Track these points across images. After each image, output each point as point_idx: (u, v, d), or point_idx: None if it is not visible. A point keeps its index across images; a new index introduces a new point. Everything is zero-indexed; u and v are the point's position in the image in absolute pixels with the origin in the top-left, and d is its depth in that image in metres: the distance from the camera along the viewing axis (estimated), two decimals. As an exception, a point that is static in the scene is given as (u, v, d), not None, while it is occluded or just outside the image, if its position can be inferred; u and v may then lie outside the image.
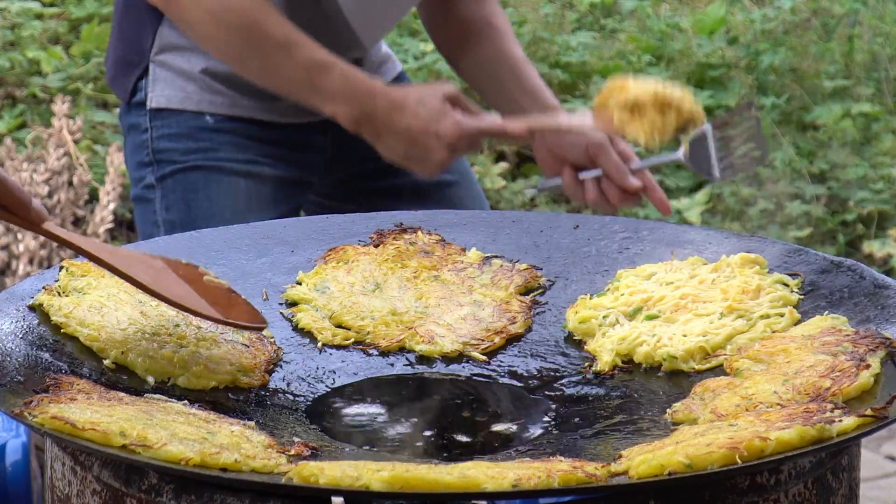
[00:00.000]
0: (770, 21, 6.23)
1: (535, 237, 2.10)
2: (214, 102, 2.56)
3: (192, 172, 2.55)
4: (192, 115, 2.57)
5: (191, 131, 2.56)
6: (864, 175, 5.43)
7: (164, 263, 1.84)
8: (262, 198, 2.54)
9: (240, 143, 2.56)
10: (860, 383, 1.64)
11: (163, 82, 2.59)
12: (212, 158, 2.55)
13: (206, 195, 2.53)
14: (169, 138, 2.57)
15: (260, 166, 2.55)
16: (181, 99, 2.57)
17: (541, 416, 1.73)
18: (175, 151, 2.56)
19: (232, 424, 1.61)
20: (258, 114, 2.56)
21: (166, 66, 2.58)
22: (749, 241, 2.03)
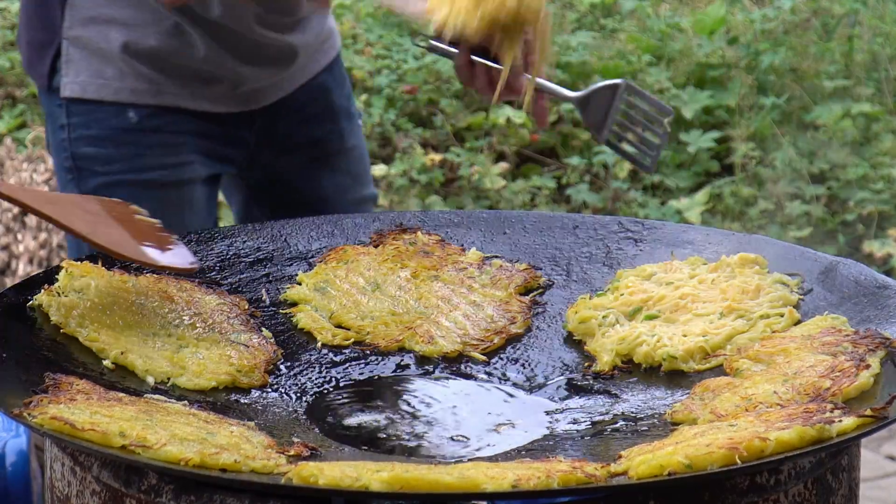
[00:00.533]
0: (770, 21, 6.23)
1: (535, 237, 2.10)
2: (137, 90, 2.34)
3: (117, 189, 2.31)
4: (112, 111, 2.34)
5: (112, 133, 2.35)
6: (864, 175, 5.43)
7: (99, 206, 1.83)
8: (196, 205, 2.41)
9: (167, 142, 2.37)
10: (860, 383, 1.64)
11: (77, 64, 2.35)
12: (136, 169, 2.35)
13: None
14: (89, 142, 2.36)
15: (191, 168, 2.39)
16: (98, 87, 2.35)
17: (540, 417, 1.73)
18: (97, 160, 2.36)
19: (232, 425, 1.61)
20: (186, 101, 2.38)
21: (80, 43, 2.34)
22: (749, 241, 2.03)
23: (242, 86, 2.41)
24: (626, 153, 2.24)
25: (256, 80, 2.43)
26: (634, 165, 2.26)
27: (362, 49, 6.16)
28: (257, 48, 2.38)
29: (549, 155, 5.82)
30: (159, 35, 2.33)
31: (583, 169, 5.65)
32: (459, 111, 5.89)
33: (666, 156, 5.68)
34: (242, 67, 2.39)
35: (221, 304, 1.91)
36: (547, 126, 2.35)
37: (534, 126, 5.86)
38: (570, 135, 5.85)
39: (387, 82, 5.97)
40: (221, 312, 1.89)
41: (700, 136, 5.70)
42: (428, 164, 5.63)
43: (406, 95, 5.96)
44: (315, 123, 2.54)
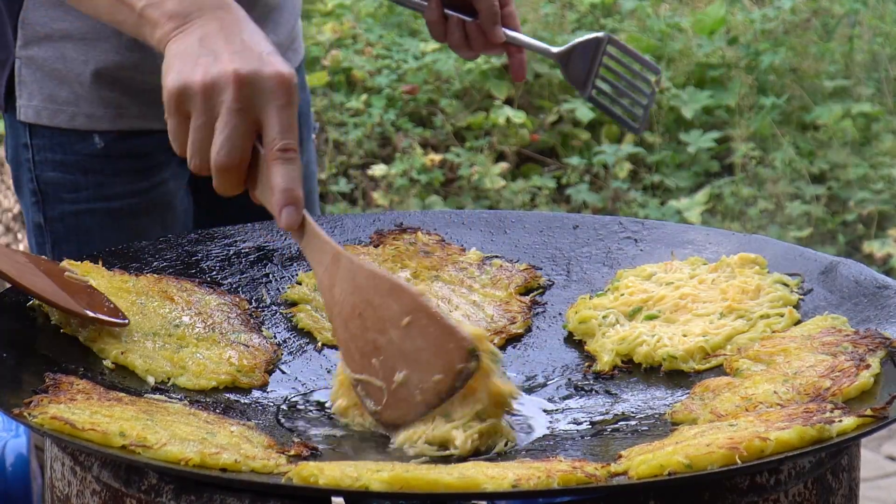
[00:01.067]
0: (770, 21, 6.23)
1: (535, 237, 2.10)
2: (94, 116, 2.18)
3: (86, 217, 2.21)
4: (76, 136, 2.18)
5: (78, 160, 2.19)
6: (864, 175, 5.44)
7: (26, 259, 1.80)
8: (171, 221, 2.27)
9: (137, 167, 2.21)
10: (860, 383, 1.64)
11: (30, 87, 2.18)
12: (105, 197, 2.20)
13: (104, 244, 2.15)
14: (54, 167, 2.20)
15: (163, 189, 2.25)
16: (52, 112, 2.19)
17: (540, 417, 1.73)
18: (63, 187, 2.20)
19: (232, 425, 1.61)
20: (151, 123, 2.19)
21: (34, 64, 2.17)
22: (749, 241, 2.03)
23: None
24: (612, 112, 2.18)
25: None
26: (622, 125, 2.19)
27: (362, 49, 6.16)
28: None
29: (549, 155, 5.83)
30: (120, 49, 2.15)
31: (583, 169, 5.65)
32: (459, 111, 5.89)
33: (666, 156, 5.68)
34: None
35: (221, 304, 1.91)
36: (524, 79, 2.25)
37: (534, 126, 5.86)
38: (570, 135, 5.85)
39: (387, 82, 5.97)
40: (221, 312, 1.89)
41: (700, 136, 5.70)
42: (428, 164, 5.63)
43: (406, 95, 5.96)
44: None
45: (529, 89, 6.06)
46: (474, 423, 1.63)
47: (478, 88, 5.97)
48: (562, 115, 5.88)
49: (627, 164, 5.63)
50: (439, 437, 1.62)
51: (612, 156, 5.62)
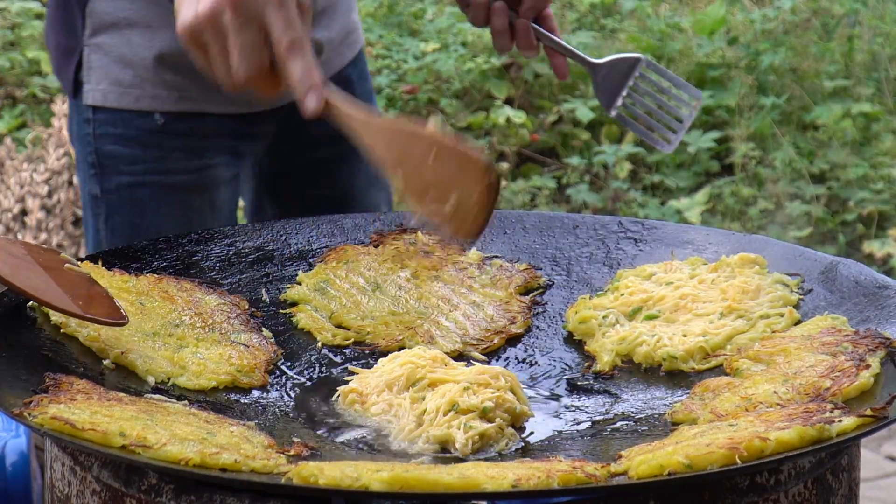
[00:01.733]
0: (770, 21, 6.23)
1: (535, 237, 2.10)
2: (158, 97, 2.32)
3: (140, 189, 2.34)
4: (139, 114, 2.32)
5: (138, 134, 2.33)
6: (864, 175, 5.43)
7: (24, 250, 1.78)
8: (218, 207, 2.39)
9: (192, 146, 2.35)
10: (860, 383, 1.64)
11: (97, 72, 2.32)
12: (160, 171, 2.33)
13: (156, 219, 2.33)
14: (114, 140, 2.33)
15: (214, 172, 2.37)
16: (119, 95, 2.32)
17: (540, 417, 1.73)
18: (122, 160, 2.33)
19: (232, 425, 1.61)
20: (209, 106, 2.34)
21: (102, 50, 2.31)
22: (749, 241, 2.03)
23: None
24: (638, 129, 2.17)
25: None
26: (651, 143, 2.19)
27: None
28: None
29: (549, 155, 5.82)
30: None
31: (583, 169, 5.65)
32: (459, 111, 5.89)
33: (666, 156, 5.68)
34: None
35: (221, 304, 1.91)
36: (566, 79, 2.31)
37: (534, 126, 5.86)
38: (570, 135, 5.85)
39: (387, 82, 5.97)
40: (221, 312, 1.89)
41: (700, 136, 5.70)
42: (428, 164, 5.62)
43: (406, 95, 5.96)
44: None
45: (529, 89, 6.06)
46: (476, 425, 1.63)
47: (478, 88, 5.97)
48: (562, 115, 5.88)
49: (627, 164, 5.63)
50: (440, 437, 1.63)
51: (612, 156, 5.62)
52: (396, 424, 1.67)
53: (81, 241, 4.44)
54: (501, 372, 1.71)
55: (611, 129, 5.83)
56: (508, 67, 6.05)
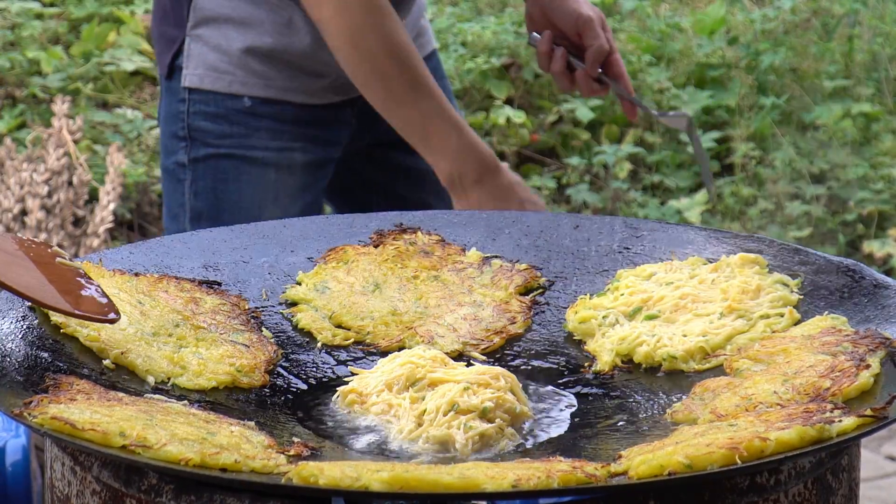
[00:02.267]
0: (770, 21, 6.23)
1: (535, 237, 2.10)
2: (248, 83, 2.59)
3: (224, 160, 2.60)
4: (230, 97, 2.59)
5: (227, 112, 2.59)
6: (864, 175, 5.43)
7: (15, 245, 1.77)
8: (290, 188, 2.61)
9: (274, 128, 2.60)
10: (860, 383, 1.64)
11: (196, 59, 2.60)
12: (245, 146, 2.59)
13: (237, 187, 2.59)
14: (205, 117, 2.60)
15: (291, 153, 2.60)
16: (214, 79, 2.60)
17: (540, 417, 1.73)
18: (210, 133, 2.60)
19: (232, 425, 1.61)
20: (293, 95, 2.60)
21: (202, 40, 2.59)
22: (749, 241, 2.03)
23: (344, 76, 2.53)
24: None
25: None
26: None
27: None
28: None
29: (549, 155, 5.82)
30: (273, 32, 2.55)
31: (583, 169, 5.65)
32: (460, 111, 5.89)
33: (666, 156, 5.69)
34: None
35: (221, 304, 1.91)
36: (635, 119, 2.58)
37: (534, 126, 5.86)
38: (570, 135, 5.85)
39: (387, 82, 5.95)
40: (221, 312, 1.89)
41: (700, 136, 5.70)
42: (428, 164, 5.62)
43: (406, 95, 5.95)
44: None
45: (529, 89, 6.06)
46: (476, 425, 1.63)
47: (478, 88, 5.97)
48: (562, 115, 5.88)
49: (627, 164, 5.63)
50: (439, 438, 1.63)
51: (612, 156, 5.62)
52: (396, 424, 1.67)
53: (81, 240, 4.44)
54: (501, 372, 1.71)
55: (611, 129, 5.83)
56: (508, 67, 6.05)
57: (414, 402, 1.68)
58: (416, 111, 2.44)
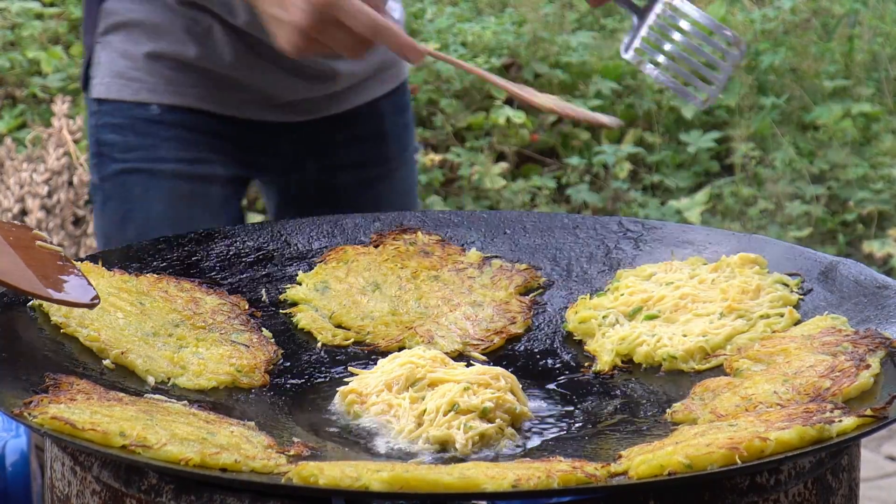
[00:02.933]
0: (770, 21, 6.23)
1: (535, 237, 2.10)
2: (157, 90, 2.40)
3: (131, 176, 2.40)
4: (138, 105, 2.40)
5: (134, 122, 2.41)
6: (864, 175, 5.43)
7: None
8: (210, 203, 2.43)
9: (186, 138, 2.41)
10: (860, 383, 1.64)
11: (103, 67, 2.43)
12: (152, 159, 2.40)
13: (144, 205, 2.39)
14: (112, 129, 2.42)
15: (207, 167, 2.42)
16: (120, 87, 2.41)
17: (540, 417, 1.73)
18: (116, 147, 2.41)
19: (232, 425, 1.61)
20: (208, 104, 2.41)
21: (110, 47, 2.41)
22: (749, 241, 2.03)
23: (277, 97, 2.41)
24: (663, 78, 1.95)
25: (292, 92, 2.42)
26: (680, 96, 1.93)
27: (362, 49, 6.15)
28: (291, 62, 2.32)
29: (549, 155, 5.82)
30: (189, 40, 2.38)
31: (583, 169, 5.65)
32: (459, 111, 5.89)
33: (666, 156, 5.68)
34: (274, 78, 2.40)
35: (221, 304, 1.91)
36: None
37: (534, 126, 5.86)
38: (570, 135, 5.85)
39: (387, 82, 5.96)
40: (221, 312, 1.89)
41: (700, 136, 5.70)
42: (428, 164, 5.63)
43: (406, 95, 5.95)
44: (361, 145, 2.54)
45: (529, 89, 6.05)
46: (476, 425, 1.63)
47: (478, 88, 5.97)
48: (562, 115, 5.87)
49: (627, 164, 5.63)
50: (439, 438, 1.63)
51: (612, 156, 5.62)
52: (396, 424, 1.67)
53: (81, 240, 4.44)
54: (501, 373, 1.71)
55: (611, 129, 5.83)
56: (508, 67, 6.05)
57: (414, 402, 1.68)
58: None
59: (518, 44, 6.06)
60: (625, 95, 5.97)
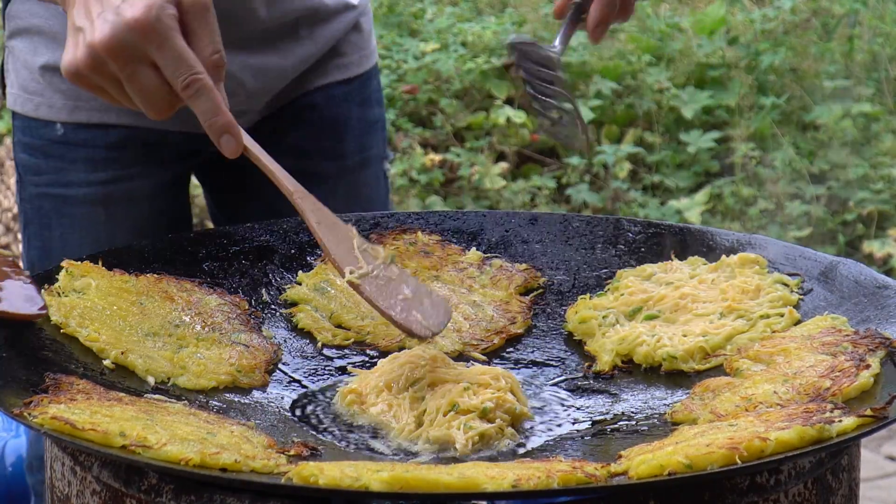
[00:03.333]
0: (770, 21, 6.23)
1: (535, 237, 2.10)
2: (54, 106, 2.19)
3: (45, 200, 2.21)
4: (42, 123, 2.20)
5: (43, 144, 2.20)
6: (864, 175, 5.44)
7: None
8: (134, 222, 2.22)
9: (93, 157, 2.19)
10: (860, 383, 1.64)
11: (11, 76, 2.23)
12: (62, 183, 2.19)
13: (60, 234, 2.21)
14: (24, 149, 2.22)
15: (123, 184, 2.20)
16: (24, 101, 2.21)
17: (540, 417, 1.73)
18: (30, 169, 2.22)
19: (232, 425, 1.61)
20: (106, 117, 2.19)
21: (14, 54, 2.22)
22: (749, 241, 2.03)
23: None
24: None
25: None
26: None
27: (362, 49, 6.16)
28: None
29: (549, 155, 5.82)
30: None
31: (583, 169, 5.65)
32: (459, 111, 5.89)
33: (666, 156, 5.68)
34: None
35: (221, 304, 1.91)
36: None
37: (534, 126, 5.86)
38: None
39: (387, 82, 5.97)
40: (221, 312, 1.89)
41: (700, 136, 5.70)
42: (428, 164, 5.63)
43: (406, 95, 5.96)
44: (307, 132, 2.33)
45: (529, 89, 6.05)
46: (476, 425, 1.63)
47: (478, 88, 5.97)
48: (562, 114, 5.88)
49: (627, 164, 5.63)
50: (439, 438, 1.63)
51: (612, 156, 5.62)
52: (396, 424, 1.67)
53: (81, 241, 4.43)
54: (501, 373, 1.71)
55: (611, 129, 5.83)
56: (508, 67, 6.05)
57: (414, 402, 1.68)
58: None
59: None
60: (625, 95, 5.97)
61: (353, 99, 2.38)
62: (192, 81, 1.54)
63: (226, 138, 1.59)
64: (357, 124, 2.39)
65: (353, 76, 2.38)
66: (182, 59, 1.54)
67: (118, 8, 1.53)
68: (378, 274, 1.70)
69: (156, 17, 1.52)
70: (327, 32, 2.33)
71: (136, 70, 1.54)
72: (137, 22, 1.52)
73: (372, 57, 2.41)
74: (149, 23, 1.52)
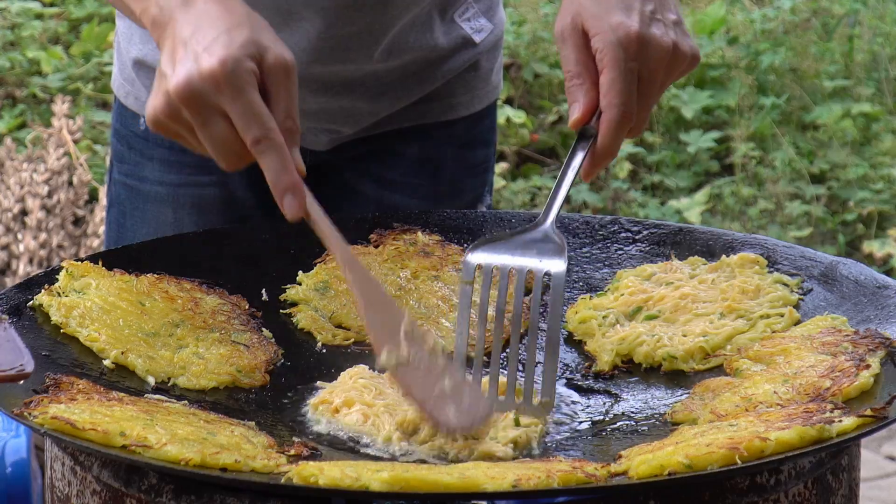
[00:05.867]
0: (770, 21, 6.23)
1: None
2: (140, 99, 2.17)
3: (123, 190, 2.22)
4: (132, 114, 2.20)
5: (128, 134, 2.21)
6: (864, 175, 5.44)
7: None
8: (197, 228, 2.18)
9: (168, 159, 2.18)
10: (860, 383, 1.64)
11: (115, 56, 2.24)
12: (137, 177, 2.19)
13: (133, 224, 2.20)
14: (115, 134, 2.24)
15: (192, 191, 2.18)
16: (118, 85, 2.23)
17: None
18: (116, 155, 2.23)
19: (232, 425, 1.61)
20: None
21: (119, 35, 2.22)
22: (749, 241, 2.03)
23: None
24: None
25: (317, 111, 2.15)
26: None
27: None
28: (312, 73, 2.09)
29: (549, 155, 5.82)
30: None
31: (583, 169, 5.65)
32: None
33: (666, 156, 5.68)
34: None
35: (221, 304, 1.91)
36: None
37: (534, 126, 5.86)
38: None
39: (387, 82, 5.96)
40: (221, 312, 1.89)
41: (700, 136, 5.70)
42: (428, 164, 5.62)
43: (406, 95, 5.95)
44: (394, 164, 2.24)
45: (529, 89, 6.06)
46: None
47: (478, 88, 5.97)
48: (562, 115, 5.88)
49: (627, 163, 5.63)
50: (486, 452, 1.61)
51: (611, 156, 5.61)
52: (378, 434, 1.65)
53: (81, 240, 4.44)
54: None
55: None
56: (508, 67, 6.05)
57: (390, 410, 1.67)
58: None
59: (518, 44, 6.06)
60: (625, 95, 5.96)
61: (454, 141, 2.25)
62: (261, 138, 1.54)
63: (288, 200, 1.58)
64: (453, 166, 2.26)
65: (458, 118, 2.24)
66: (254, 115, 1.53)
67: (198, 56, 1.54)
68: (419, 364, 1.63)
69: (231, 71, 1.52)
70: (438, 74, 2.19)
71: (208, 119, 1.54)
72: (212, 72, 1.52)
73: (486, 97, 2.25)
74: (224, 74, 1.52)
